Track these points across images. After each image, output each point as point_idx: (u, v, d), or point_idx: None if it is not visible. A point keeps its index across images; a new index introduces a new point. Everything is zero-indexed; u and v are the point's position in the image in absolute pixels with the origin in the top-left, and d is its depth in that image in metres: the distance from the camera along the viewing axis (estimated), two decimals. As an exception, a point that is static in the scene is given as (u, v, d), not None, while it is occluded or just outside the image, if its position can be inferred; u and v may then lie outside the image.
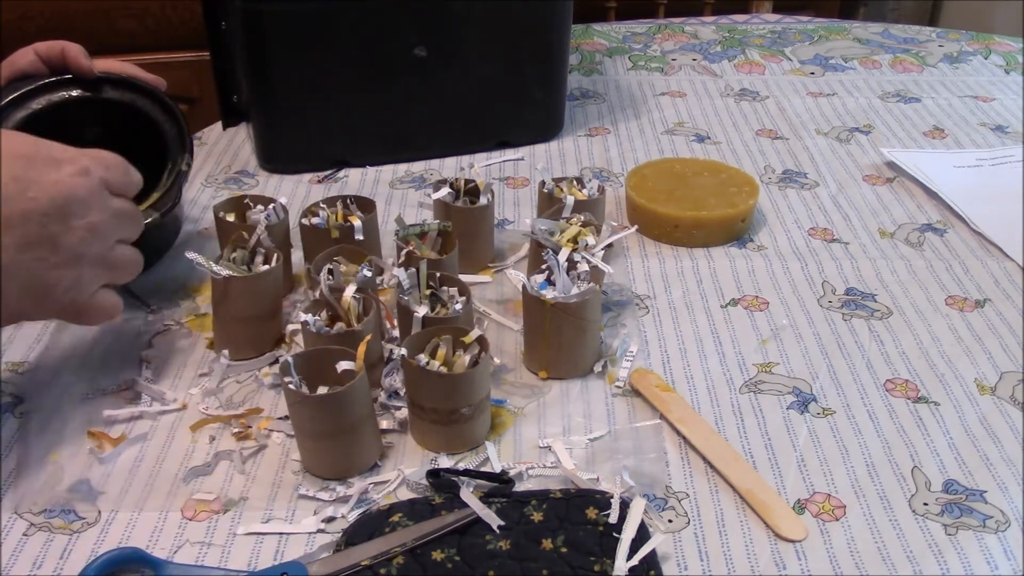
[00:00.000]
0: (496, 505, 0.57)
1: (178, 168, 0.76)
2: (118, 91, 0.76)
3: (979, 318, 0.77)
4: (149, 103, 0.77)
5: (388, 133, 1.01)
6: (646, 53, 1.34)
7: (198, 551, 0.56)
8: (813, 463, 0.63)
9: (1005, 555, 0.56)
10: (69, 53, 0.73)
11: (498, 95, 1.02)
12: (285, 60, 0.93)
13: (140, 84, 0.77)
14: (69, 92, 0.74)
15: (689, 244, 0.87)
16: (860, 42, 1.39)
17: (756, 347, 0.74)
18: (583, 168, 1.02)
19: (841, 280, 0.82)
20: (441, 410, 0.61)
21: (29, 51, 0.74)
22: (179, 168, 0.76)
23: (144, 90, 0.77)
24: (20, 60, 0.74)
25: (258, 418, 0.66)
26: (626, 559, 0.54)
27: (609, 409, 0.67)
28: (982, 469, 0.62)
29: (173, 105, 0.78)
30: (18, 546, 0.57)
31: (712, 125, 1.12)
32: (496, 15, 0.97)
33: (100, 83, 0.75)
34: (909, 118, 1.14)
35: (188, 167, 0.77)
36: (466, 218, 0.80)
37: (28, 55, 0.74)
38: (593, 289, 0.68)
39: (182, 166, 0.76)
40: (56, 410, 0.67)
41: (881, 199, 0.96)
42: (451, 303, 0.68)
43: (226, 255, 0.72)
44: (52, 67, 0.74)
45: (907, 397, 0.69)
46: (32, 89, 0.73)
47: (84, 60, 0.74)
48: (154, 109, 0.77)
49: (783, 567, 0.55)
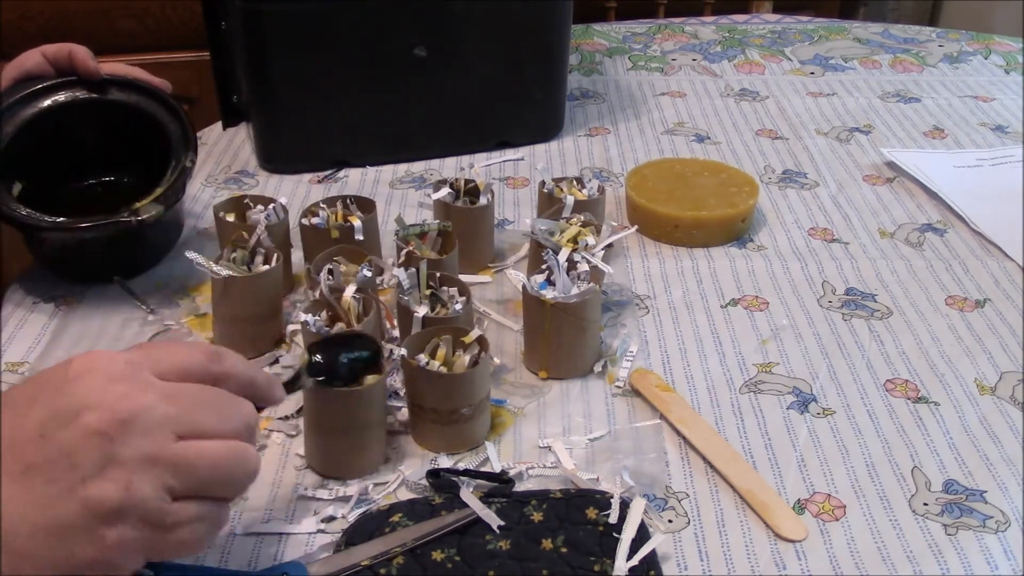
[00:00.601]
0: (496, 505, 0.57)
1: (182, 164, 0.77)
2: (124, 93, 0.77)
3: (979, 318, 0.77)
4: (155, 104, 0.78)
5: (388, 133, 1.01)
6: (646, 53, 1.34)
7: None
8: (813, 463, 0.63)
9: (1005, 555, 0.56)
10: (76, 55, 0.74)
11: (498, 95, 1.02)
12: (285, 60, 0.93)
13: (145, 86, 0.77)
14: (75, 93, 0.75)
15: (689, 244, 0.87)
16: (860, 42, 1.38)
17: (756, 347, 0.74)
18: (583, 168, 1.02)
19: (841, 280, 0.82)
20: (441, 410, 0.61)
21: (36, 53, 0.75)
22: (183, 164, 0.77)
23: (149, 92, 0.78)
24: (27, 61, 0.75)
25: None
26: (626, 559, 0.54)
27: (609, 409, 0.67)
28: (982, 469, 0.62)
29: (178, 106, 0.78)
30: (18, 546, 0.57)
31: (712, 125, 1.12)
32: (496, 15, 0.97)
33: (106, 85, 0.76)
34: (909, 118, 1.14)
35: (192, 163, 0.77)
36: (466, 218, 0.80)
37: (35, 56, 0.75)
38: (593, 289, 0.68)
39: (186, 162, 0.77)
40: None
41: (881, 199, 0.96)
42: (451, 303, 0.68)
43: (226, 255, 0.72)
44: (59, 69, 0.76)
45: (907, 397, 0.69)
46: (39, 89, 0.74)
47: (91, 62, 0.75)
48: (159, 110, 0.78)
49: (783, 567, 0.55)
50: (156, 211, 0.73)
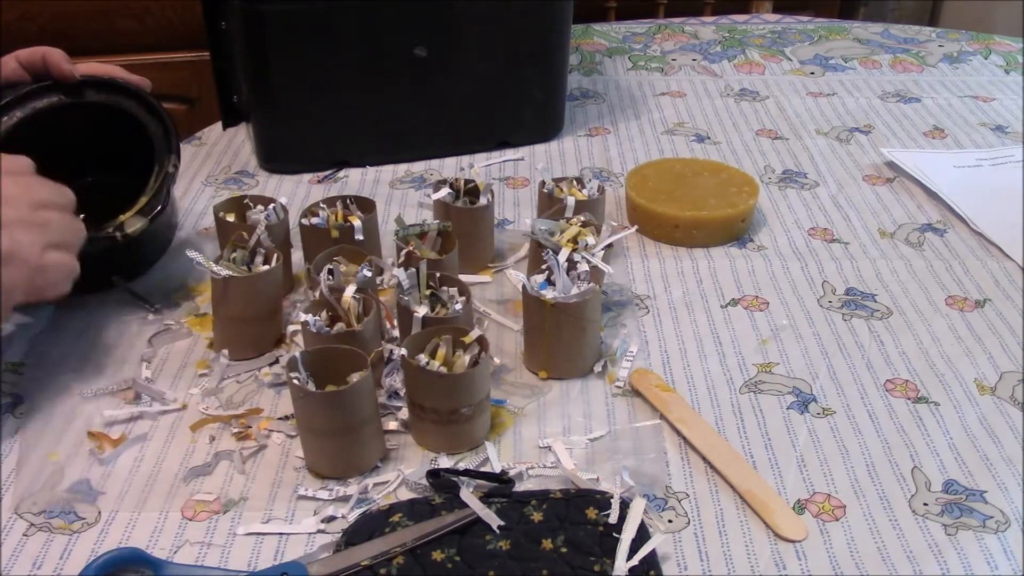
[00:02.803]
0: (496, 505, 0.57)
1: (165, 170, 0.76)
2: (102, 94, 0.75)
3: (979, 318, 0.77)
4: (134, 104, 0.76)
5: (388, 133, 1.01)
6: (646, 53, 1.34)
7: (198, 551, 0.56)
8: (813, 463, 0.63)
9: (1005, 555, 0.56)
10: (50, 59, 0.72)
11: (498, 95, 1.02)
12: (285, 60, 0.93)
13: (123, 85, 0.75)
14: (52, 98, 0.73)
15: (689, 244, 0.87)
16: (860, 42, 1.38)
17: (756, 347, 0.74)
18: (583, 168, 1.02)
19: (841, 280, 0.82)
20: (441, 410, 0.61)
21: (10, 59, 0.73)
22: (166, 170, 0.76)
23: (127, 91, 0.76)
24: (3, 69, 0.72)
25: (258, 418, 0.66)
26: (626, 559, 0.54)
27: (609, 409, 0.67)
28: (982, 469, 0.62)
29: (158, 105, 0.77)
30: (18, 546, 0.57)
31: (712, 125, 1.12)
32: (496, 15, 0.96)
33: (83, 87, 0.74)
34: (909, 118, 1.14)
35: (175, 168, 0.76)
36: (466, 218, 0.80)
37: (9, 63, 0.73)
38: (593, 289, 0.68)
39: (168, 168, 0.76)
40: (56, 410, 0.67)
41: (881, 199, 0.96)
42: (451, 303, 0.68)
43: (226, 255, 0.72)
44: (34, 74, 0.73)
45: (907, 397, 0.69)
46: (14, 98, 0.72)
47: (65, 65, 0.72)
48: (139, 110, 0.76)
49: (783, 567, 0.55)
50: (141, 224, 0.73)
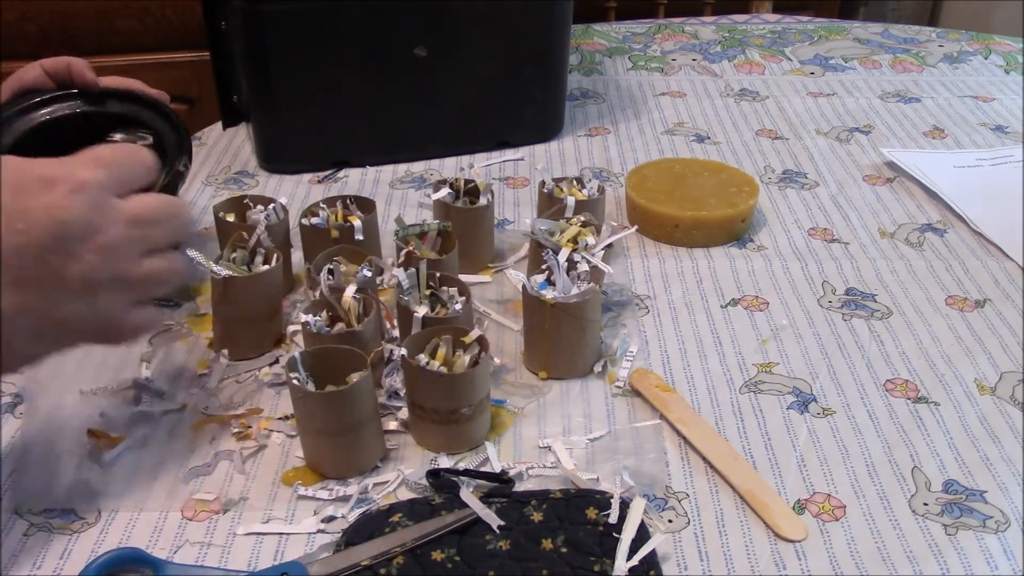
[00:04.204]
0: (496, 505, 0.57)
1: (175, 169, 0.76)
2: (122, 104, 0.77)
3: (979, 318, 0.77)
4: (153, 115, 0.78)
5: (388, 133, 1.01)
6: (646, 53, 1.34)
7: (198, 551, 0.56)
8: (813, 463, 0.63)
9: (1005, 555, 0.56)
10: (75, 67, 0.75)
11: (498, 95, 1.02)
12: (285, 60, 0.93)
13: (143, 97, 0.77)
14: (74, 105, 0.75)
15: (689, 244, 0.87)
16: (860, 42, 1.39)
17: (756, 347, 0.74)
18: (583, 168, 1.02)
19: (841, 280, 0.82)
20: (441, 410, 0.61)
21: (36, 66, 0.76)
22: (176, 169, 0.76)
23: (147, 103, 0.78)
24: (26, 75, 0.76)
25: (258, 418, 0.66)
26: (626, 559, 0.54)
27: (609, 409, 0.67)
28: (982, 469, 0.62)
29: (176, 117, 0.78)
30: (18, 546, 0.57)
31: (712, 125, 1.12)
32: (496, 15, 0.97)
33: (104, 96, 0.76)
34: (909, 118, 1.14)
35: (186, 168, 0.77)
36: (466, 218, 0.80)
37: (35, 70, 0.76)
38: (593, 289, 0.68)
39: (179, 167, 0.76)
40: (56, 410, 0.67)
41: (881, 199, 0.96)
42: (451, 303, 0.68)
43: (226, 255, 0.72)
44: (58, 81, 0.76)
45: (907, 397, 0.69)
46: (38, 102, 0.75)
47: (88, 74, 0.75)
48: (157, 121, 0.78)
49: (783, 567, 0.55)
50: None
